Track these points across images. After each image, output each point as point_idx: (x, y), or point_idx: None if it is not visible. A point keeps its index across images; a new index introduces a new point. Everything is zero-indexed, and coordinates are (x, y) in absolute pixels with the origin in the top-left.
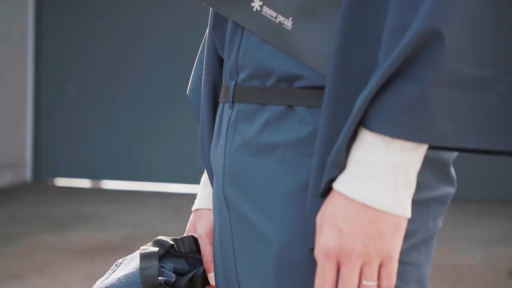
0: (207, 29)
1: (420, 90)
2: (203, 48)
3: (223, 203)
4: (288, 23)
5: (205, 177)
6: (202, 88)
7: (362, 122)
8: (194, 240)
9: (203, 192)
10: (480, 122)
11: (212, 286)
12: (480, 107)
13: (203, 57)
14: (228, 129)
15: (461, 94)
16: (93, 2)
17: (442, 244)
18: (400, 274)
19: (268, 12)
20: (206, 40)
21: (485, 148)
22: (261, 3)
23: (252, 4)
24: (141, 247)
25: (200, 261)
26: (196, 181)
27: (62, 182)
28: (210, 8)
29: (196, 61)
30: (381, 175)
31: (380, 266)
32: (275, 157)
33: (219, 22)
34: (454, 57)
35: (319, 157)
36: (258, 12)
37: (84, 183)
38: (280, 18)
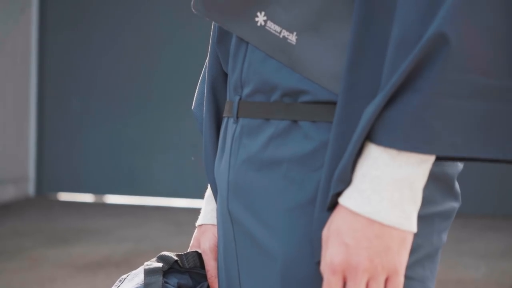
0: (210, 44)
1: (422, 101)
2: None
3: (227, 218)
4: (292, 38)
5: (209, 192)
6: (205, 103)
7: (369, 137)
8: (198, 255)
9: (207, 208)
10: (491, 131)
11: None
12: (492, 117)
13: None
14: (233, 144)
15: (469, 104)
16: (96, 17)
17: (445, 258)
18: None
19: (272, 27)
20: (209, 55)
21: (498, 158)
22: (265, 18)
23: (256, 19)
24: (145, 263)
25: (204, 277)
26: (199, 195)
27: (65, 196)
28: (213, 23)
29: (201, 76)
30: (387, 190)
31: (386, 280)
32: (279, 172)
33: (223, 37)
34: (464, 67)
35: (328, 172)
36: (262, 27)
37: (87, 197)
38: (284, 33)
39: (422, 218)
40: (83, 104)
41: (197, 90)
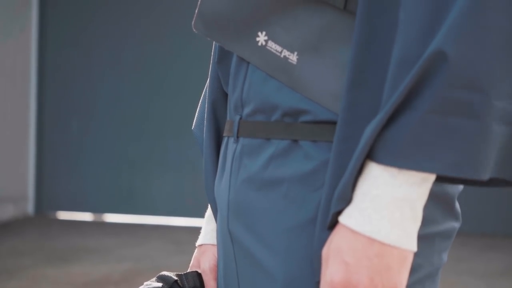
0: (211, 64)
1: (420, 119)
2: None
3: (228, 238)
4: (293, 58)
5: (209, 212)
6: (205, 122)
7: (369, 155)
8: (198, 275)
9: (207, 228)
10: (490, 152)
11: None
12: (492, 138)
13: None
14: (233, 163)
15: (469, 124)
16: (95, 37)
17: (445, 277)
18: None
19: (273, 46)
20: (210, 75)
21: (499, 177)
22: (266, 37)
23: (257, 39)
24: (145, 283)
25: None
26: (199, 214)
27: (64, 215)
28: (214, 43)
29: (202, 96)
30: (387, 209)
31: None
32: (280, 191)
33: (224, 57)
34: (463, 85)
35: (328, 191)
36: (263, 47)
37: (86, 216)
38: (285, 53)
39: (423, 237)
40: (82, 123)
41: (197, 110)
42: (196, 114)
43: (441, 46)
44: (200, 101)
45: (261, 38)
